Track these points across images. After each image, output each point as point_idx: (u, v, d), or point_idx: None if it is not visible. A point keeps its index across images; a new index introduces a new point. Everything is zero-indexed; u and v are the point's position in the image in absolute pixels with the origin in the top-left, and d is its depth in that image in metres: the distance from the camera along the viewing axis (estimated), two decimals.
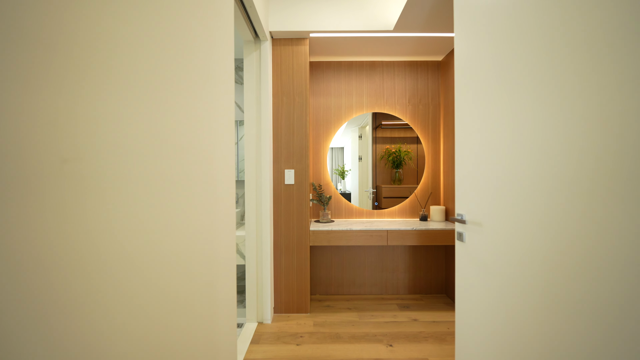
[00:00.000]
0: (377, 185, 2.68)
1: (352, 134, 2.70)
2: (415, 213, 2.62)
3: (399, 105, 2.61)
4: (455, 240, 1.36)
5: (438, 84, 2.60)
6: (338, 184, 2.71)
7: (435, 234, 2.20)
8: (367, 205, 2.64)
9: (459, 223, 1.32)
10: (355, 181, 2.71)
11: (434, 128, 2.61)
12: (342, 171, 2.71)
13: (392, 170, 2.69)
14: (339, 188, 2.69)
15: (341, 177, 2.74)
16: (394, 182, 2.69)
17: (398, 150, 2.70)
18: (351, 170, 2.71)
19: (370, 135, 2.70)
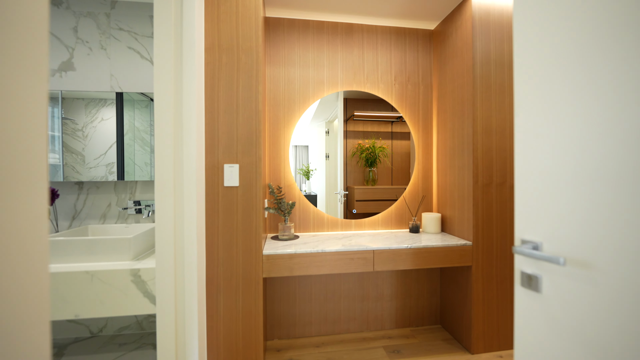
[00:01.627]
0: (349, 186, 2.07)
1: (318, 130, 2.07)
2: (403, 222, 2.05)
3: (383, 84, 2.02)
4: (517, 284, 0.78)
5: (430, 59, 2.06)
6: (302, 184, 2.05)
7: (435, 253, 1.63)
8: (335, 211, 2.01)
9: (529, 258, 0.73)
10: (322, 182, 2.07)
11: (425, 115, 2.06)
12: (307, 171, 2.07)
13: (365, 169, 2.10)
14: (303, 190, 2.02)
15: (306, 178, 2.09)
16: (368, 182, 2.10)
17: (372, 145, 2.12)
18: (317, 170, 2.07)
19: (340, 129, 2.08)
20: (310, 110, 1.97)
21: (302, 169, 2.08)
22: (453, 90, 1.82)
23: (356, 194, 2.08)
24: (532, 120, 0.73)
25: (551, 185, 0.68)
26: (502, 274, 1.70)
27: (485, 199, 1.67)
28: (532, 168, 0.73)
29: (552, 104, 0.68)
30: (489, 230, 1.68)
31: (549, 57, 0.69)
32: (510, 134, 1.70)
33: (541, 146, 0.71)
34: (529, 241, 0.74)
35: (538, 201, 0.72)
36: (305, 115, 1.97)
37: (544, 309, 0.71)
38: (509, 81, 1.68)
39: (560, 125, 0.66)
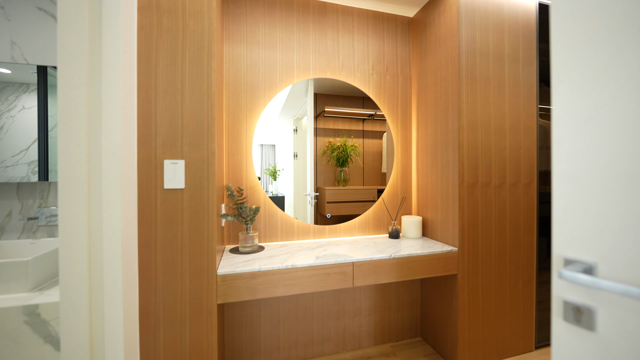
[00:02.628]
0: (319, 187, 1.83)
1: (285, 127, 1.81)
2: (382, 226, 1.86)
3: (360, 73, 1.81)
4: (557, 317, 0.59)
5: (409, 49, 1.90)
6: (269, 185, 1.78)
7: (420, 263, 1.45)
8: (305, 214, 1.76)
9: (580, 285, 0.54)
10: (290, 183, 1.81)
11: (405, 109, 1.90)
12: (274, 171, 1.80)
13: (337, 169, 1.88)
14: (269, 192, 1.74)
15: (273, 178, 1.82)
16: (339, 183, 1.88)
17: (343, 144, 1.91)
18: (284, 170, 1.81)
19: (310, 127, 1.84)
20: (277, 104, 1.70)
21: (268, 169, 1.80)
22: (435, 82, 1.66)
23: (327, 195, 1.84)
24: (577, 100, 0.54)
25: (609, 186, 0.50)
26: (487, 281, 1.57)
27: (471, 200, 1.53)
28: (579, 163, 0.54)
29: (604, 75, 0.48)
30: (475, 235, 1.54)
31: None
32: (496, 129, 1.58)
33: (593, 133, 0.52)
34: (577, 260, 0.55)
35: (589, 207, 0.53)
36: (273, 106, 1.68)
37: (600, 354, 0.52)
38: (494, 73, 1.57)
39: (619, 104, 0.47)
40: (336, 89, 1.79)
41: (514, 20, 1.60)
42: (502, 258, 1.60)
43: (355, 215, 1.83)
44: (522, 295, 1.65)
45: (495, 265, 1.59)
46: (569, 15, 0.55)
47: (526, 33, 1.64)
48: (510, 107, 1.60)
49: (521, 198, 1.64)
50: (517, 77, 1.61)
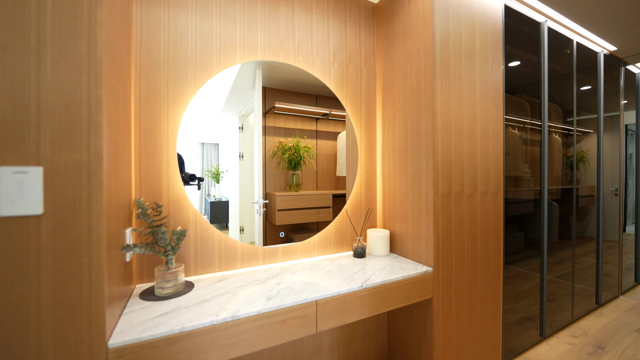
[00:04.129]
0: (268, 193, 1.49)
1: (230, 125, 1.44)
2: (345, 242, 1.59)
3: (320, 61, 1.51)
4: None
5: (373, 39, 1.67)
6: (211, 188, 1.39)
7: (395, 290, 1.21)
8: (252, 226, 1.42)
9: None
10: (235, 187, 1.45)
11: (369, 107, 1.66)
12: (217, 173, 1.41)
13: (288, 172, 1.56)
14: (212, 195, 1.36)
15: (215, 181, 1.43)
16: (291, 187, 1.57)
17: (296, 145, 1.60)
18: (229, 172, 1.44)
19: (258, 124, 1.49)
20: (219, 96, 1.30)
21: (210, 170, 1.40)
22: (405, 77, 1.45)
23: (278, 202, 1.50)
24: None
25: None
26: (460, 302, 1.42)
27: (445, 212, 1.35)
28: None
29: None
30: (449, 252, 1.37)
31: None
32: (468, 134, 1.43)
33: None
34: None
35: None
36: (213, 97, 1.28)
37: None
38: (466, 72, 1.42)
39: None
40: (287, 83, 1.47)
41: (483, 18, 1.48)
42: (474, 275, 1.47)
43: (309, 224, 1.53)
44: (491, 310, 1.54)
45: (468, 283, 1.45)
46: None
47: (494, 32, 1.54)
48: (480, 110, 1.48)
49: (490, 208, 1.53)
50: (486, 77, 1.50)
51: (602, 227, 2.42)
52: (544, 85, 1.90)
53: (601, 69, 2.34)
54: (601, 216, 2.42)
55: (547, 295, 1.94)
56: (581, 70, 2.19)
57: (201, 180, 1.35)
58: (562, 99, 2.09)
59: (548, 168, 1.94)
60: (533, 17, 1.82)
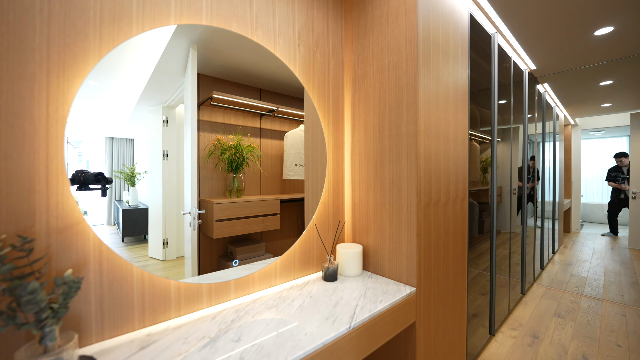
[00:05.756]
0: (203, 200, 1.14)
1: (150, 117, 1.04)
2: (311, 262, 1.33)
3: (283, 40, 1.21)
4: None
5: (341, 25, 1.45)
6: (124, 192, 0.97)
7: (382, 323, 1.00)
8: (178, 239, 1.09)
9: None
10: (156, 192, 1.06)
11: (337, 102, 1.43)
12: (132, 174, 1.01)
13: (228, 175, 1.23)
14: (125, 201, 0.95)
15: (130, 184, 1.02)
16: (231, 193, 1.25)
17: (238, 144, 1.29)
18: (148, 174, 1.05)
19: (191, 118, 1.12)
20: (137, 81, 0.89)
21: (122, 171, 0.98)
22: (381, 70, 1.28)
23: (216, 211, 1.15)
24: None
25: None
26: (437, 320, 1.31)
27: (426, 223, 1.21)
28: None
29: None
30: (429, 267, 1.24)
31: None
32: (444, 137, 1.34)
33: None
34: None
35: None
36: (130, 80, 0.87)
37: None
38: (443, 70, 1.32)
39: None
40: (229, 71, 1.15)
41: (455, 18, 1.42)
42: (448, 287, 1.38)
43: (253, 234, 1.24)
44: (459, 320, 1.49)
45: (444, 297, 1.35)
46: None
47: (463, 36, 1.49)
48: (453, 113, 1.40)
49: (459, 215, 1.48)
50: (457, 80, 1.44)
51: (511, 221, 2.74)
52: (494, 95, 1.99)
53: (525, 84, 2.63)
54: (522, 212, 2.73)
55: (481, 289, 2.03)
56: (508, 85, 2.41)
57: (108, 183, 0.92)
58: (484, 109, 2.25)
59: (471, 172, 2.05)
60: (487, 29, 1.88)
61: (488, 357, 1.79)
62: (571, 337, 2.00)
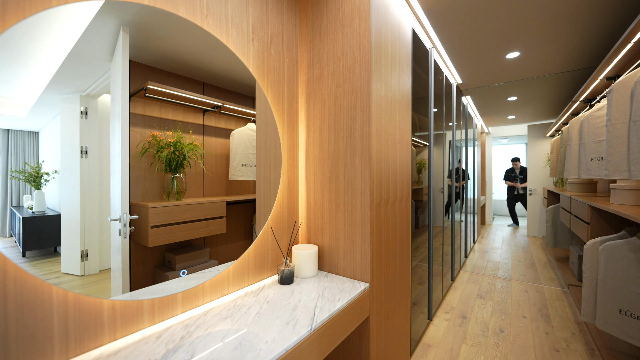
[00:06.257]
0: (135, 204, 1.02)
1: (64, 107, 0.87)
2: (265, 265, 1.28)
3: (236, 31, 1.14)
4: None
5: (296, 23, 1.44)
6: (25, 196, 0.79)
7: (341, 322, 1.02)
8: (103, 250, 0.96)
9: None
10: (72, 196, 0.91)
11: (291, 101, 1.41)
12: (37, 174, 0.83)
13: (166, 176, 1.14)
14: (27, 207, 0.78)
15: (35, 187, 0.84)
16: (170, 196, 1.16)
17: (177, 141, 1.20)
18: (60, 174, 0.89)
19: (121, 110, 0.99)
20: (48, 63, 0.74)
21: (23, 171, 0.81)
22: (336, 73, 1.30)
23: (152, 215, 1.04)
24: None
25: None
26: (387, 312, 1.39)
27: (378, 222, 1.28)
28: None
29: None
30: (381, 263, 1.31)
31: None
32: (392, 140, 1.43)
33: None
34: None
35: None
36: (35, 61, 0.71)
37: None
38: (392, 76, 1.41)
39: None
40: (167, 61, 1.05)
41: (401, 30, 1.53)
42: (396, 280, 1.48)
43: (196, 240, 1.16)
44: (404, 309, 1.61)
45: (392, 290, 1.45)
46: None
47: (407, 47, 1.62)
48: (399, 118, 1.51)
49: (404, 212, 1.60)
50: (402, 87, 1.55)
51: (442, 217, 3.10)
52: (430, 103, 2.20)
53: (453, 96, 2.99)
54: (452, 208, 3.09)
55: (419, 279, 2.25)
56: (441, 95, 2.71)
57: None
58: (422, 115, 2.51)
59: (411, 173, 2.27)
60: (425, 44, 2.08)
61: (428, 340, 1.98)
62: (491, 314, 2.34)
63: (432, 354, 1.82)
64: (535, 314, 2.35)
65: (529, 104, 4.20)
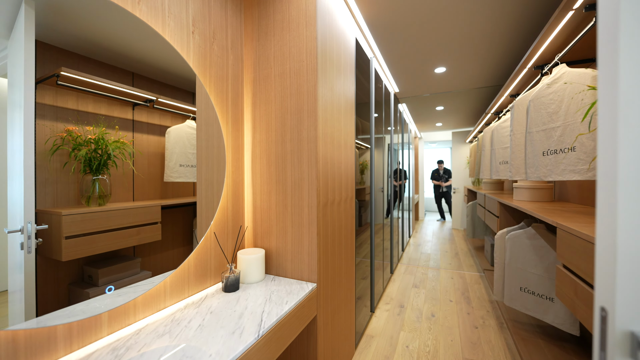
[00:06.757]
0: (43, 211, 0.89)
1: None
2: (208, 273, 1.21)
3: (175, 23, 1.05)
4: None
5: (241, 21, 1.39)
6: None
7: (289, 324, 1.02)
8: (4, 278, 0.82)
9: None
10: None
11: (236, 100, 1.36)
12: None
13: (85, 178, 1.03)
14: None
15: None
16: (90, 201, 1.04)
17: (100, 138, 1.09)
18: None
19: (25, 99, 0.85)
20: None
21: None
22: (283, 74, 1.30)
23: (65, 224, 0.91)
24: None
25: None
26: (333, 309, 1.44)
27: (324, 223, 1.32)
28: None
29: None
30: (327, 263, 1.35)
31: None
32: (338, 143, 1.48)
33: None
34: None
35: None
36: None
37: None
38: (337, 81, 1.46)
39: None
40: (88, 45, 0.93)
41: (345, 38, 1.60)
42: (341, 278, 1.55)
43: (124, 250, 1.05)
44: (350, 304, 1.69)
45: (338, 287, 1.50)
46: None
47: (351, 55, 1.70)
48: (344, 122, 1.58)
49: (349, 212, 1.68)
50: (347, 92, 1.62)
51: (383, 214, 3.36)
52: (372, 109, 2.34)
53: (391, 103, 3.24)
54: (391, 206, 3.34)
55: (362, 274, 2.40)
56: (381, 102, 2.92)
57: None
58: (364, 120, 2.69)
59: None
60: (367, 53, 2.20)
61: (370, 331, 2.11)
62: (424, 301, 2.60)
63: (374, 344, 1.95)
64: (459, 297, 2.69)
65: (453, 113, 4.79)
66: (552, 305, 1.65)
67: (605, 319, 0.44)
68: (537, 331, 1.92)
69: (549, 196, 2.05)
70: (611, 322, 0.43)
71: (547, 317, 1.67)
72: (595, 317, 0.46)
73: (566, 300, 1.09)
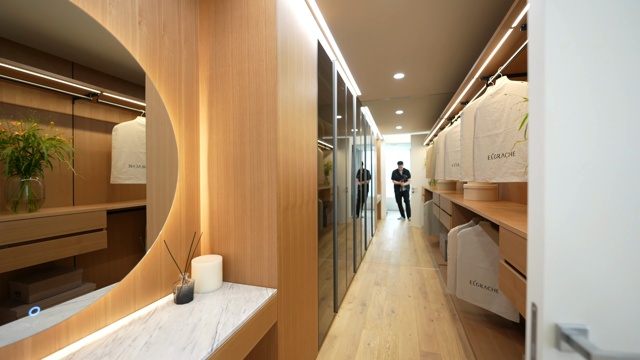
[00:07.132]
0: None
1: None
2: (158, 285, 1.12)
3: (117, 12, 0.95)
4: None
5: (196, 15, 1.31)
6: None
7: (248, 333, 0.98)
8: None
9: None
10: None
11: (190, 99, 1.28)
12: None
13: (13, 181, 0.92)
14: None
15: None
16: (18, 206, 0.93)
17: (30, 135, 0.98)
18: None
19: None
20: None
21: None
22: (242, 73, 1.25)
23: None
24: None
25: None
26: (295, 313, 1.42)
27: (285, 226, 1.29)
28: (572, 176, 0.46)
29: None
30: (288, 267, 1.33)
31: None
32: (299, 146, 1.47)
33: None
34: (572, 326, 0.46)
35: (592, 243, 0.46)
36: None
37: None
38: (298, 83, 1.44)
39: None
40: (17, 29, 0.82)
41: (307, 40, 1.59)
42: (303, 281, 1.53)
43: (62, 260, 0.95)
44: (312, 307, 1.68)
45: (300, 291, 1.49)
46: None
47: (312, 57, 1.69)
48: (305, 124, 1.57)
49: (311, 215, 1.67)
50: (308, 95, 1.62)
51: (346, 214, 3.43)
52: (334, 111, 2.37)
53: (354, 105, 3.31)
54: (354, 206, 3.41)
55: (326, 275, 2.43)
56: (344, 104, 2.98)
57: None
58: (327, 121, 2.73)
59: (317, 175, 2.45)
60: (329, 56, 2.22)
61: (334, 331, 2.12)
62: (385, 298, 2.70)
63: (337, 344, 1.97)
64: (417, 292, 2.84)
65: (412, 117, 5.05)
66: (497, 296, 1.81)
67: (535, 314, 0.48)
68: (485, 320, 2.09)
69: (494, 196, 2.24)
70: (540, 316, 0.47)
71: (492, 307, 1.83)
72: (528, 312, 0.50)
73: (507, 292, 1.20)
